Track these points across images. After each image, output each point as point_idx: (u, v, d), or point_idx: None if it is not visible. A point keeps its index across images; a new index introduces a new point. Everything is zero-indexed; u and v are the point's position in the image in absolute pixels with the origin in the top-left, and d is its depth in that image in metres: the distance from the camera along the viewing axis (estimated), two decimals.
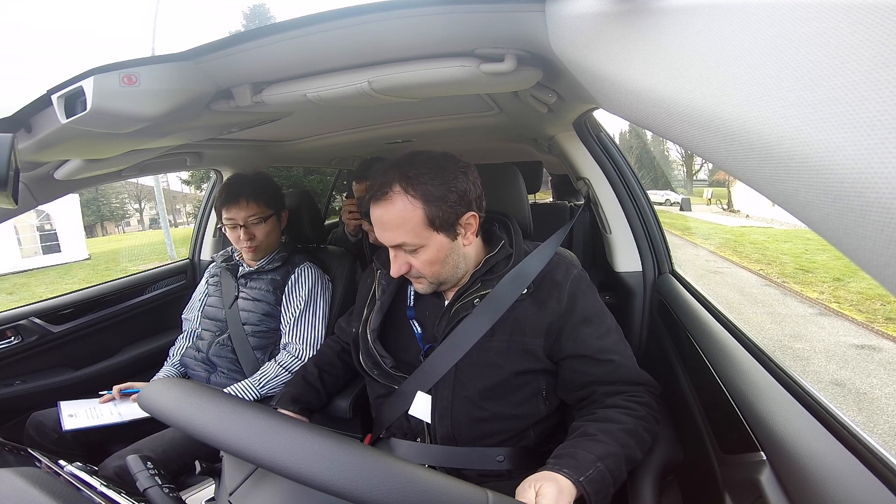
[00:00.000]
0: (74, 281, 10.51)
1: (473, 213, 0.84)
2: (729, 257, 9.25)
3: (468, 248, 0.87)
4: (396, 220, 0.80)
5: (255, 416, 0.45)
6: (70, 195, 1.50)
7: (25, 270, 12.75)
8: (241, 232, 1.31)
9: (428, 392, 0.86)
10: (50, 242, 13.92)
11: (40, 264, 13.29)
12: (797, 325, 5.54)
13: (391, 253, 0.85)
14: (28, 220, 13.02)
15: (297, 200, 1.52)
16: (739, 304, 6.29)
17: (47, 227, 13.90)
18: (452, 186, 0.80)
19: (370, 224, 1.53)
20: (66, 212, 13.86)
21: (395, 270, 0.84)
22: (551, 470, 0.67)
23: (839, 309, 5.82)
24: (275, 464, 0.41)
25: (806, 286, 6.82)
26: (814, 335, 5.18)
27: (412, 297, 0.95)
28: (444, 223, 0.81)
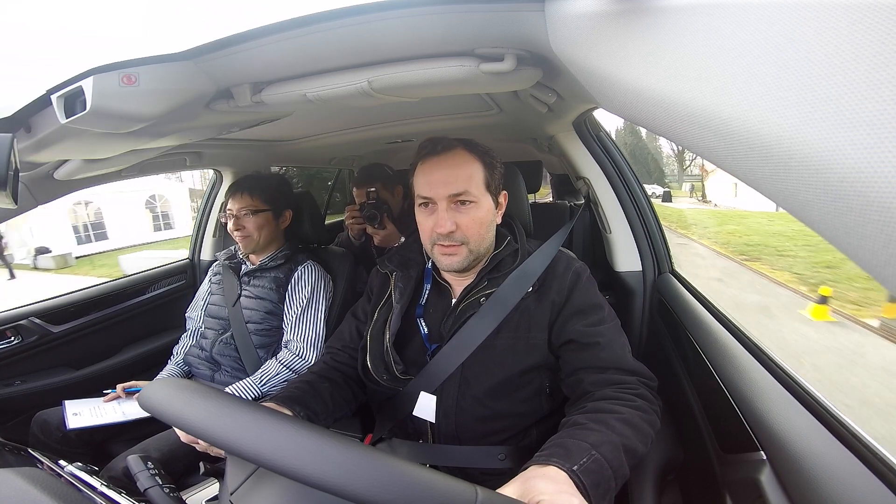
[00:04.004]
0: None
1: (506, 193, 0.93)
2: (681, 231, 11.69)
3: (493, 230, 0.91)
4: (462, 170, 0.84)
5: (254, 415, 0.45)
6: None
7: (155, 242, 19.12)
8: (232, 221, 1.36)
9: (433, 392, 0.85)
10: (165, 221, 21.06)
11: (163, 237, 20.02)
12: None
13: (442, 207, 0.83)
14: (139, 209, 20.08)
15: (297, 201, 1.53)
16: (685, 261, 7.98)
17: (161, 210, 20.99)
18: (497, 163, 0.89)
19: (374, 228, 1.59)
20: (177, 197, 21.30)
21: (445, 226, 0.82)
22: (538, 463, 0.58)
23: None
24: (270, 461, 0.41)
25: (722, 246, 9.43)
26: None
27: (425, 296, 0.95)
28: (494, 189, 0.88)
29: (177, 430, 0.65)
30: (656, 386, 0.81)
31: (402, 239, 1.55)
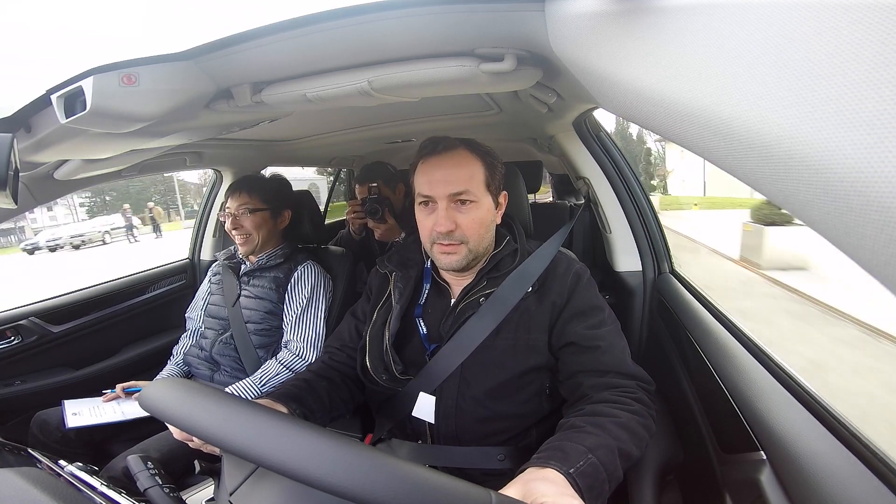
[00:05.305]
0: None
1: (506, 193, 0.92)
2: None
3: (493, 230, 0.91)
4: (464, 170, 0.84)
5: (255, 415, 0.45)
6: None
7: None
8: (230, 220, 1.35)
9: (432, 393, 0.85)
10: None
11: None
12: None
13: (442, 206, 0.83)
14: None
15: (297, 201, 1.53)
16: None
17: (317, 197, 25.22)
18: (498, 163, 0.89)
19: (374, 222, 1.60)
20: (323, 187, 24.73)
21: (445, 225, 0.82)
22: (536, 465, 0.59)
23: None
24: (276, 463, 0.41)
25: None
26: None
27: (424, 296, 0.95)
28: (494, 189, 0.88)
29: (170, 427, 0.65)
30: (654, 389, 0.81)
31: (403, 234, 1.57)
